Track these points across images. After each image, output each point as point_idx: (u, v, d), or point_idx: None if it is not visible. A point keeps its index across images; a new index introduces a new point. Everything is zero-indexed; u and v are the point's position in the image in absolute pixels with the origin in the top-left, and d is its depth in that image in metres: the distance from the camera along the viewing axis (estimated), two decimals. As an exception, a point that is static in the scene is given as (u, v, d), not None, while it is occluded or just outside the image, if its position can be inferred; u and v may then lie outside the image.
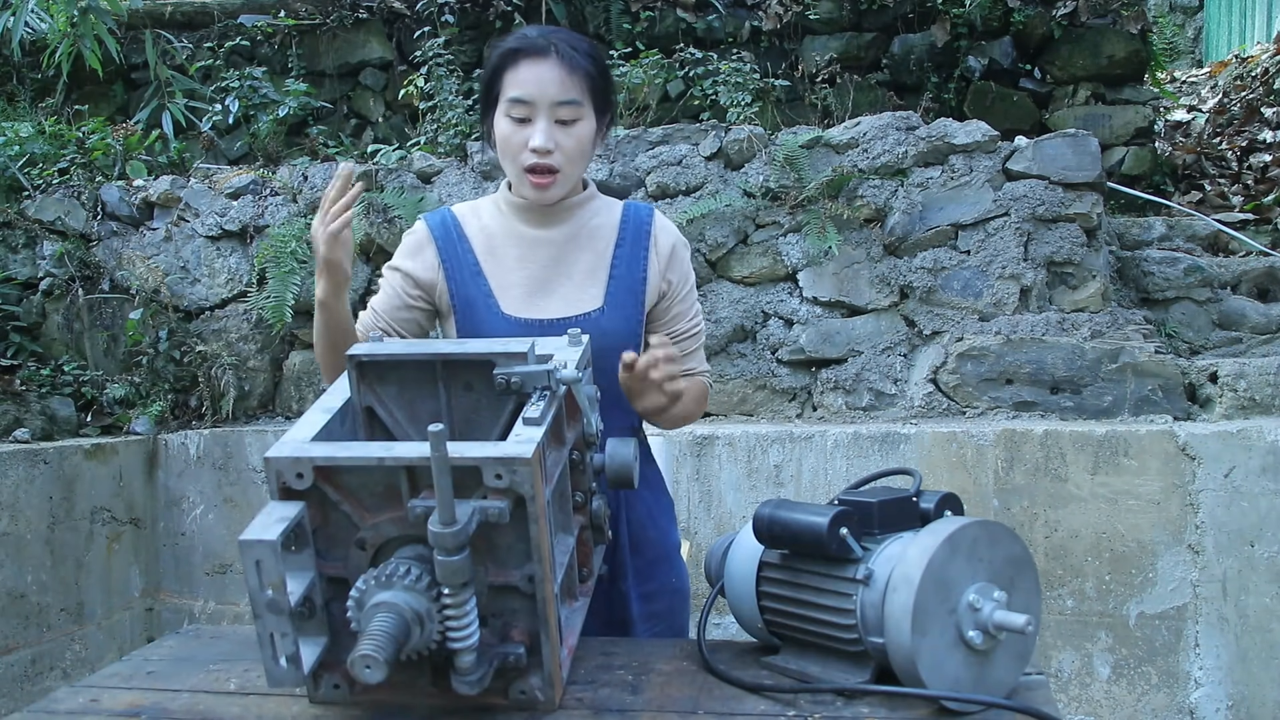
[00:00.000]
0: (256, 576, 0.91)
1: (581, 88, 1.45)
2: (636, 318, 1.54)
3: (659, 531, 1.62)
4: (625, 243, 1.55)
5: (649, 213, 1.60)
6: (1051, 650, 2.88)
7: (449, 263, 1.53)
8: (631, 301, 1.53)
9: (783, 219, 3.39)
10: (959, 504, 1.15)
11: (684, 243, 1.62)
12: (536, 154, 1.44)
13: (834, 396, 3.31)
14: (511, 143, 1.46)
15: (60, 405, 3.53)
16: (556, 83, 1.43)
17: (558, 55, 1.43)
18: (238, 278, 3.72)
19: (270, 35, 4.70)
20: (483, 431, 1.18)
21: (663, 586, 1.61)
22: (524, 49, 1.44)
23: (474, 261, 1.53)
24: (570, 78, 1.44)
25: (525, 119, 1.44)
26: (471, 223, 1.56)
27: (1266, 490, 2.73)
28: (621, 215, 1.58)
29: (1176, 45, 8.14)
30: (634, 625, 1.57)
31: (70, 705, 1.11)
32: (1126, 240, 3.75)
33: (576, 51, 1.45)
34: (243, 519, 3.38)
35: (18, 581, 3.02)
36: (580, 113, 1.46)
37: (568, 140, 1.45)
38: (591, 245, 1.55)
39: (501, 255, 1.53)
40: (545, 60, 1.43)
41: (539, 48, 1.44)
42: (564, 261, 1.53)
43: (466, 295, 1.51)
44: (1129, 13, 4.26)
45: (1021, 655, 1.06)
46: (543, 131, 1.43)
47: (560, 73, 1.43)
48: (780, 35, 4.48)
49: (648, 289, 1.55)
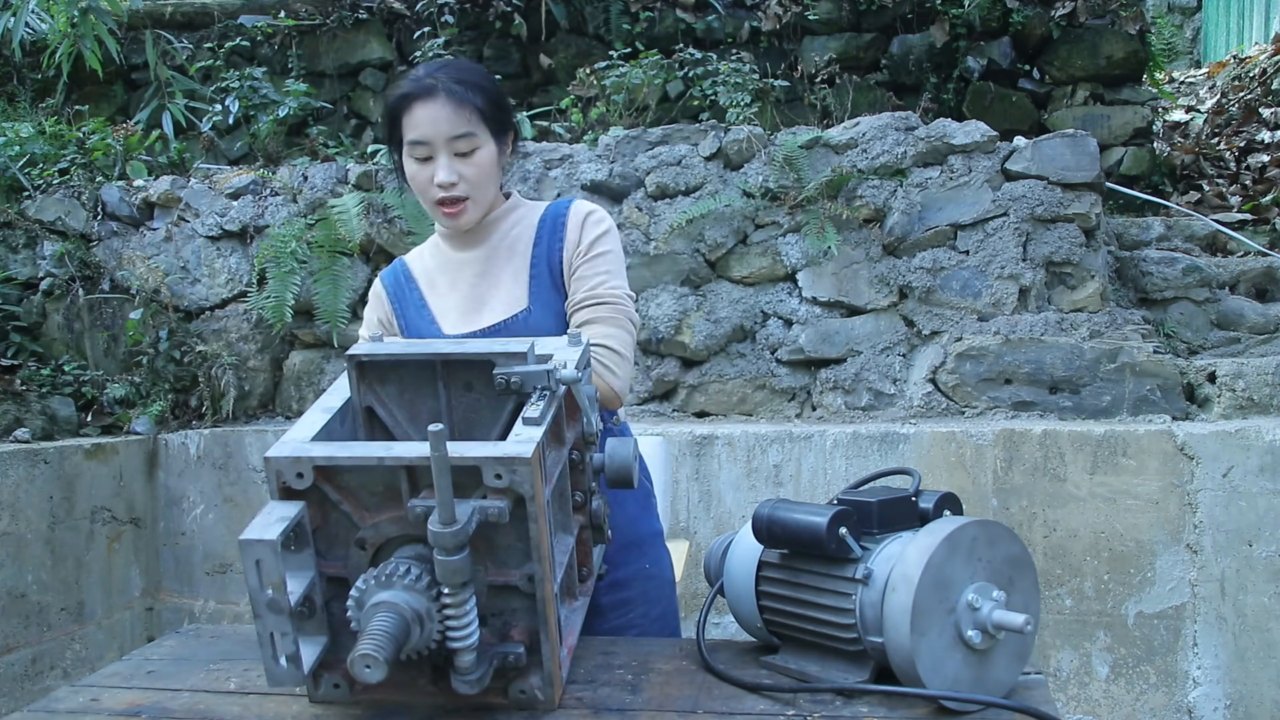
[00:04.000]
0: (256, 576, 0.91)
1: (472, 119, 1.52)
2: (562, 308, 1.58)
3: (625, 517, 1.60)
4: (542, 240, 1.61)
5: (566, 204, 1.63)
6: (1050, 650, 2.88)
7: (398, 303, 1.66)
8: (554, 294, 1.58)
9: (782, 219, 3.39)
10: (958, 504, 1.16)
11: (598, 217, 1.60)
12: (442, 188, 1.53)
13: (833, 396, 3.32)
14: (419, 181, 1.56)
15: (60, 405, 3.53)
16: (447, 120, 1.50)
17: (445, 93, 1.51)
18: (238, 278, 3.72)
19: (270, 35, 4.70)
20: (483, 431, 1.18)
21: (635, 573, 1.61)
22: (413, 92, 1.52)
23: (419, 296, 1.65)
24: (459, 112, 1.51)
25: (427, 157, 1.53)
26: (416, 265, 1.69)
27: (1265, 490, 2.73)
28: (540, 216, 1.64)
29: (1175, 46, 8.14)
30: (603, 613, 1.57)
31: (70, 705, 1.11)
32: (1125, 240, 3.75)
33: (463, 85, 1.52)
34: (243, 519, 3.39)
35: (18, 581, 3.02)
36: (476, 142, 1.54)
37: (469, 169, 1.54)
38: (513, 252, 1.62)
39: (438, 284, 1.65)
40: (434, 100, 1.51)
41: (427, 89, 1.51)
42: (490, 275, 1.61)
43: (415, 327, 1.63)
44: (1127, 13, 4.26)
45: (1020, 655, 1.06)
46: (444, 167, 1.52)
47: (449, 109, 1.51)
48: (779, 35, 4.48)
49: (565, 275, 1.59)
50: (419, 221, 3.45)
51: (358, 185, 3.66)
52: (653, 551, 1.67)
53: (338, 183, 3.70)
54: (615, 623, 1.57)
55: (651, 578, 1.64)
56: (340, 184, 3.70)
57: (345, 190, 3.66)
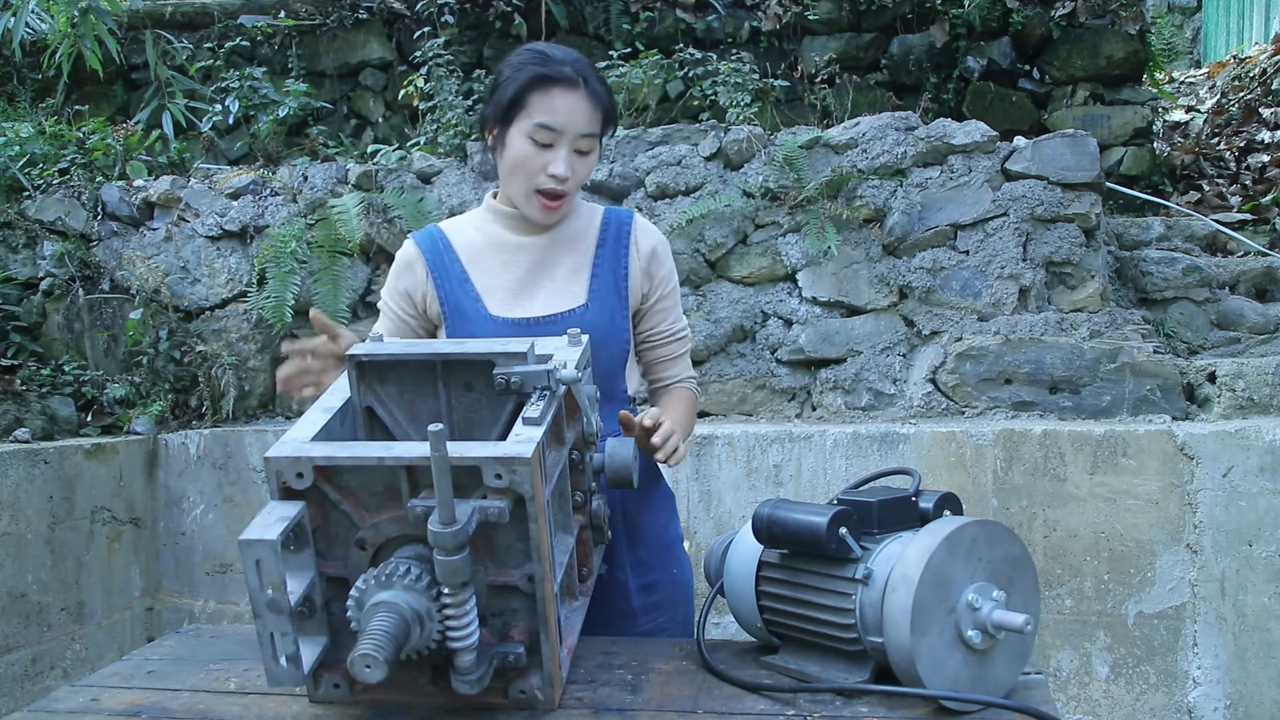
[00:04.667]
0: (256, 576, 0.91)
1: (600, 121, 1.52)
2: (621, 313, 1.59)
3: (658, 524, 1.65)
4: (607, 243, 1.61)
5: (629, 216, 1.66)
6: (1050, 650, 2.88)
7: (437, 273, 1.59)
8: (615, 299, 1.58)
9: (782, 219, 3.39)
10: (958, 504, 1.16)
11: (665, 244, 1.67)
12: (555, 180, 1.50)
13: (833, 396, 3.32)
14: (530, 164, 1.50)
15: (60, 405, 3.53)
16: (584, 115, 1.50)
17: (587, 89, 1.50)
18: (238, 278, 3.72)
19: (270, 35, 4.70)
20: (483, 431, 1.18)
21: (664, 577, 1.63)
22: (555, 77, 1.48)
23: (461, 270, 1.59)
24: (594, 112, 1.51)
25: (549, 145, 1.49)
26: (457, 236, 1.63)
27: (1265, 490, 2.73)
28: (602, 219, 1.64)
29: (1175, 46, 8.14)
30: (635, 617, 1.58)
31: (70, 704, 1.12)
32: (1125, 240, 3.75)
33: (601, 86, 1.53)
34: (243, 519, 3.39)
35: (18, 581, 3.02)
36: (594, 145, 1.54)
37: (582, 169, 1.53)
38: (573, 248, 1.60)
39: (486, 262, 1.59)
40: (576, 92, 1.49)
41: (570, 79, 1.49)
42: (547, 264, 1.59)
43: (455, 301, 1.57)
44: (1127, 13, 4.26)
45: (1020, 655, 1.06)
46: (564, 160, 1.49)
47: (588, 106, 1.50)
48: (779, 36, 4.48)
49: (630, 286, 1.60)
50: (419, 221, 3.45)
51: (358, 185, 3.66)
52: (681, 556, 1.69)
53: (338, 183, 3.70)
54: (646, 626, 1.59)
55: (678, 582, 1.66)
56: (340, 184, 3.70)
57: (345, 190, 3.66)
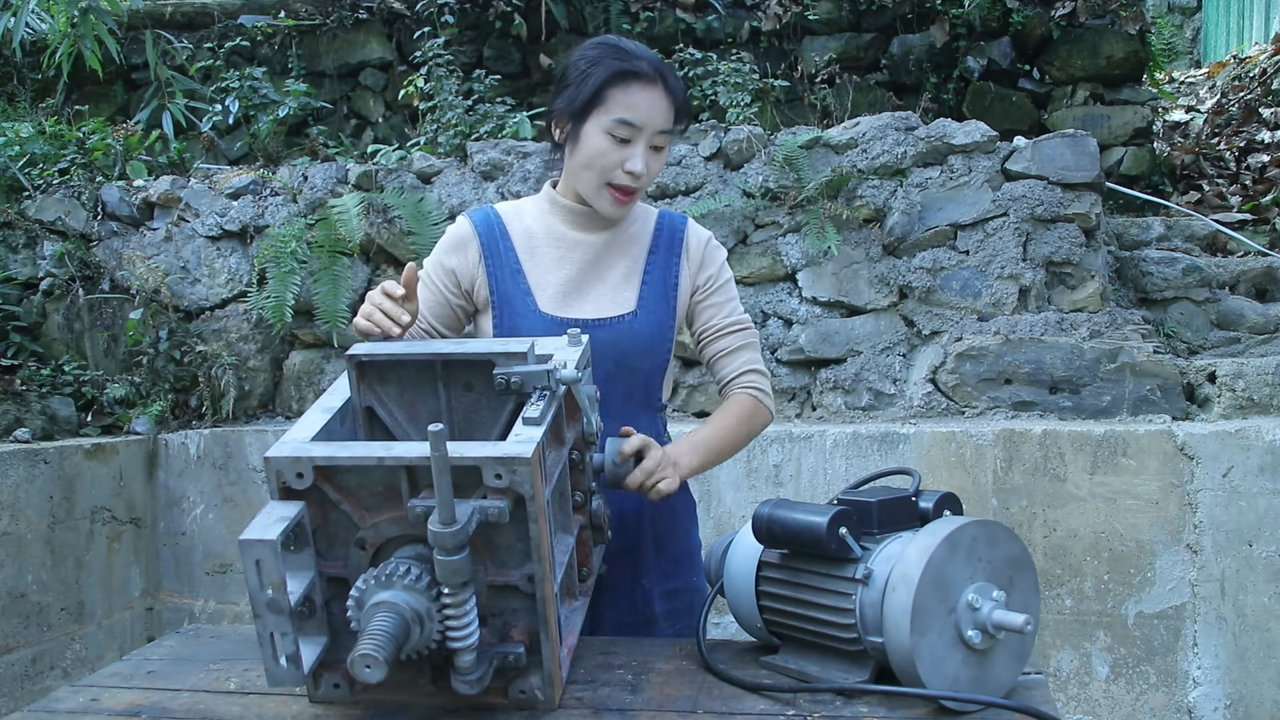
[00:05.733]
0: (256, 576, 0.91)
1: (674, 122, 1.52)
2: (668, 322, 1.58)
3: (681, 530, 1.65)
4: (659, 250, 1.60)
5: (683, 221, 1.65)
6: (1050, 650, 2.88)
7: (491, 259, 1.56)
8: (664, 307, 1.57)
9: (782, 219, 3.39)
10: (958, 504, 1.16)
11: (716, 245, 1.66)
12: (631, 176, 1.49)
13: (833, 396, 3.32)
14: (606, 158, 1.49)
15: (60, 405, 3.53)
16: (663, 113, 1.49)
17: (665, 87, 1.49)
18: (238, 278, 3.72)
19: (270, 35, 4.70)
20: (483, 431, 1.18)
21: (685, 585, 1.63)
22: (637, 72, 1.47)
23: (515, 259, 1.56)
24: (671, 109, 1.51)
25: (627, 140, 1.48)
26: (514, 222, 1.60)
27: (1265, 490, 2.73)
28: (656, 223, 1.63)
29: (1175, 46, 8.14)
30: (657, 623, 1.58)
31: (70, 704, 1.11)
32: (1125, 240, 3.75)
33: (677, 83, 1.53)
34: (243, 519, 3.38)
35: (18, 581, 3.02)
36: (668, 143, 1.53)
37: (656, 165, 1.53)
38: (627, 251, 1.59)
39: (541, 255, 1.57)
40: (656, 88, 1.48)
41: (649, 75, 1.48)
42: (600, 265, 1.57)
43: (505, 291, 1.55)
44: (1127, 13, 4.26)
45: (1020, 655, 1.06)
46: (641, 157, 1.49)
47: (666, 103, 1.49)
48: (779, 36, 4.48)
49: (679, 294, 1.59)
50: (419, 221, 3.45)
51: (358, 185, 3.66)
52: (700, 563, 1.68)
53: (338, 183, 3.70)
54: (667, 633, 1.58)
55: (698, 590, 1.65)
56: (340, 184, 3.70)
57: (345, 190, 3.66)
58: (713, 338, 1.61)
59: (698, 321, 1.62)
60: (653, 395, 1.59)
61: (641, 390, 1.56)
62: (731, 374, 1.60)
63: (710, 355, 1.62)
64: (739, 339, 1.61)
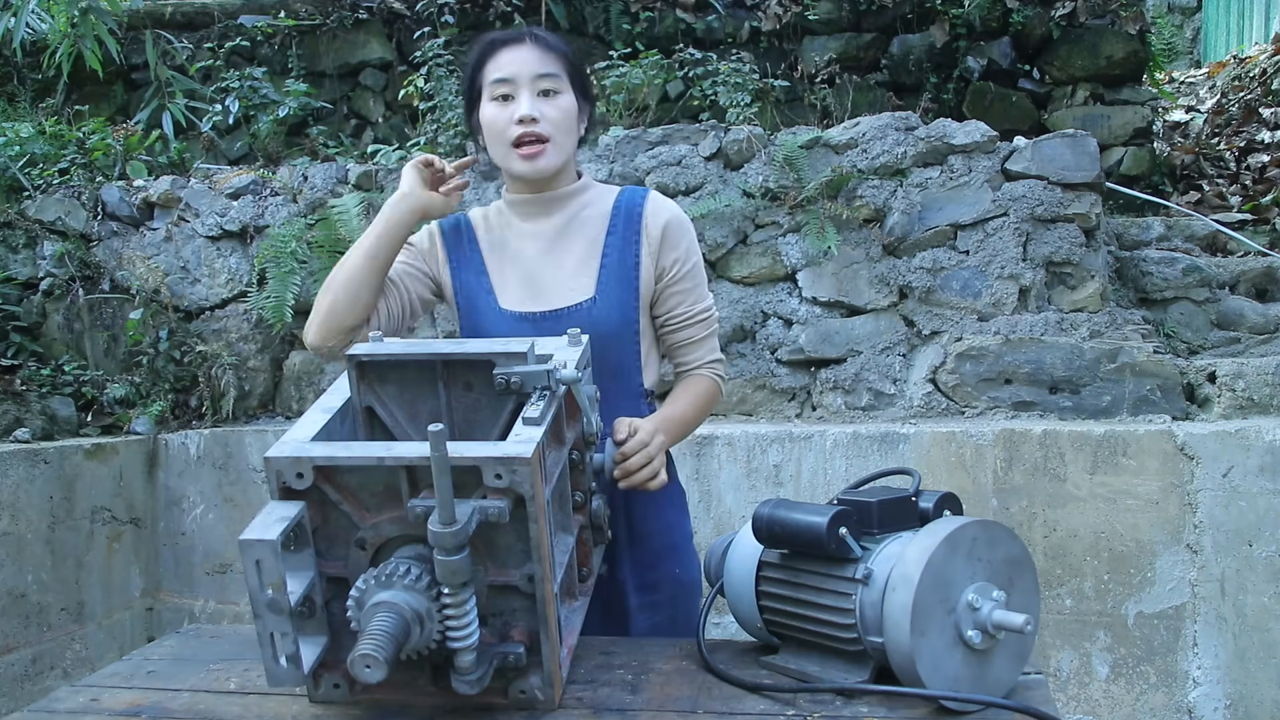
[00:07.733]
0: (256, 576, 0.91)
1: (559, 65, 1.52)
2: (631, 305, 1.53)
3: (663, 523, 1.62)
4: (617, 230, 1.56)
5: (643, 195, 1.60)
6: (1050, 650, 2.88)
7: (455, 260, 1.60)
8: (624, 290, 1.53)
9: (782, 219, 3.39)
10: (958, 504, 1.16)
11: (680, 221, 1.59)
12: (523, 124, 1.49)
13: (833, 396, 3.32)
14: (498, 123, 1.51)
15: (60, 405, 3.53)
16: (536, 60, 1.51)
17: (533, 40, 1.53)
18: (238, 278, 3.72)
19: (270, 36, 4.70)
20: (483, 431, 1.18)
21: (664, 577, 1.61)
22: (500, 39, 1.53)
23: (479, 260, 1.59)
24: (547, 56, 1.52)
25: (508, 96, 1.50)
26: (480, 225, 1.64)
27: (1265, 490, 2.73)
28: (614, 202, 1.59)
29: (1175, 46, 8.14)
30: (631, 616, 1.57)
31: (70, 705, 1.12)
32: (1125, 240, 3.75)
33: (552, 38, 1.55)
34: (243, 519, 3.38)
35: (18, 581, 3.02)
36: (560, 85, 1.52)
37: (552, 110, 1.51)
38: (583, 234, 1.57)
39: (501, 253, 1.59)
40: (522, 45, 1.52)
41: (515, 36, 1.53)
42: (556, 252, 1.56)
43: (469, 292, 1.58)
44: (1127, 13, 4.26)
45: (1020, 655, 1.06)
46: (526, 102, 1.49)
47: (536, 53, 1.51)
48: (779, 36, 4.48)
49: (640, 275, 1.54)
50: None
51: (358, 185, 3.66)
52: (685, 555, 1.66)
53: (338, 183, 3.70)
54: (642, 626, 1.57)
55: (680, 582, 1.63)
56: (340, 184, 3.70)
57: (345, 190, 3.66)
58: (678, 326, 1.59)
59: (663, 307, 1.58)
60: (630, 381, 1.56)
61: (618, 378, 1.53)
62: (695, 362, 1.61)
63: (674, 342, 1.61)
64: (703, 329, 1.61)
